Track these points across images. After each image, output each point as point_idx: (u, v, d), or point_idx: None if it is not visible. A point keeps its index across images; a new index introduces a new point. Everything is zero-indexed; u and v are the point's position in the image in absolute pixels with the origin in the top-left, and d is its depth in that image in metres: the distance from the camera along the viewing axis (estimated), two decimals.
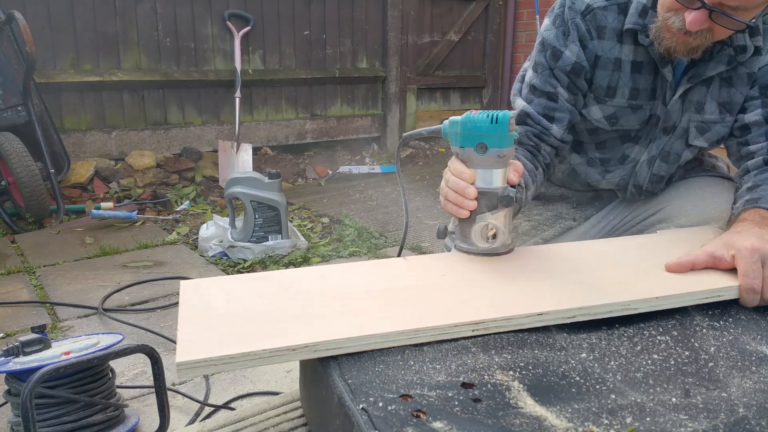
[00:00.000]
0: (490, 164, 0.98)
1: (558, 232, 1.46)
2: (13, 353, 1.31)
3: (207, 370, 0.69)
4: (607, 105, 1.29)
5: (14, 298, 2.30)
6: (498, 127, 0.96)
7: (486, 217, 0.98)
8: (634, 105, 1.28)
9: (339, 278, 0.94)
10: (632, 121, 1.30)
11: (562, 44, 1.25)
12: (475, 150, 0.98)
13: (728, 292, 0.89)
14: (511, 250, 1.04)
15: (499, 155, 0.97)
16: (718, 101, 1.25)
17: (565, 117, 1.28)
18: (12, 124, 3.27)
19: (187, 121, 4.27)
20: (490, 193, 0.98)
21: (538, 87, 1.29)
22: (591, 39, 1.25)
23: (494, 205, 0.98)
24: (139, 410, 1.52)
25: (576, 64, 1.25)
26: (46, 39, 3.69)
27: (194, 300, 0.86)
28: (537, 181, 1.24)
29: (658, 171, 1.35)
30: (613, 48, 1.25)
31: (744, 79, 1.23)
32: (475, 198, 0.98)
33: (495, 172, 0.99)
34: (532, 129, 1.28)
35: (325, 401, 0.71)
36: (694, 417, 0.62)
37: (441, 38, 5.25)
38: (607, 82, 1.27)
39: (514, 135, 0.98)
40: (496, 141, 0.96)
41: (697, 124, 1.28)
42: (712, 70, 1.21)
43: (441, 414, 0.61)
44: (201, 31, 4.20)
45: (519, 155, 1.22)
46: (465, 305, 0.82)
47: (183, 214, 3.51)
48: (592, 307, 0.82)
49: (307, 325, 0.76)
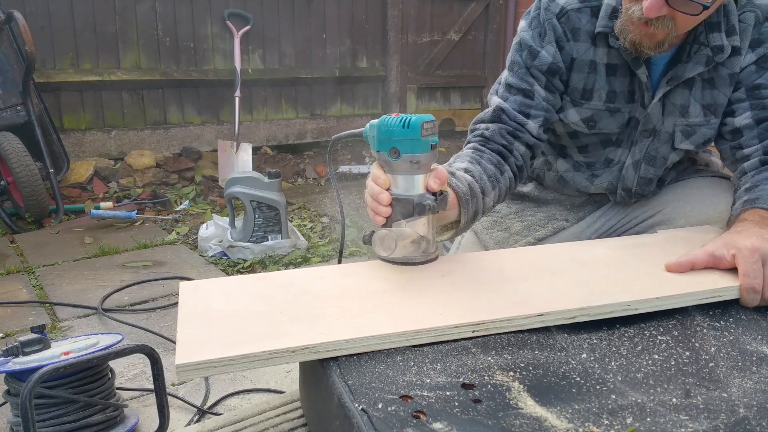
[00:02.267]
0: (405, 170, 0.94)
1: (550, 232, 1.46)
2: (13, 353, 1.31)
3: (207, 372, 0.69)
4: (583, 108, 1.29)
5: (14, 298, 2.30)
6: (410, 131, 0.92)
7: (401, 224, 0.94)
8: (611, 108, 1.28)
9: (338, 279, 0.94)
10: (611, 124, 1.30)
11: (538, 45, 1.26)
12: (389, 155, 0.94)
13: (729, 292, 0.89)
14: (432, 258, 1.00)
15: (412, 161, 0.93)
16: (702, 103, 1.25)
17: (541, 114, 1.26)
18: (11, 124, 3.27)
19: (186, 120, 4.27)
20: (405, 199, 0.94)
21: (514, 85, 1.28)
22: (567, 41, 1.25)
23: (409, 212, 0.94)
24: (139, 410, 1.52)
25: (552, 65, 1.25)
26: (46, 38, 3.69)
27: (193, 301, 0.86)
28: (500, 187, 1.20)
29: (645, 174, 1.34)
30: (587, 50, 1.25)
31: (726, 80, 1.23)
32: (390, 204, 0.95)
33: (410, 179, 0.95)
34: (506, 127, 1.25)
35: (324, 402, 0.71)
36: (695, 417, 0.62)
37: (441, 38, 5.25)
38: (583, 84, 1.27)
39: (430, 141, 0.94)
40: (408, 146, 0.92)
41: (683, 128, 1.28)
42: (691, 71, 1.20)
43: (441, 415, 0.61)
44: (201, 30, 4.19)
45: (482, 159, 1.19)
46: (465, 306, 0.82)
47: (182, 213, 3.51)
48: (593, 308, 0.81)
49: (306, 326, 0.76)
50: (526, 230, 1.47)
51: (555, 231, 1.46)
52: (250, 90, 4.40)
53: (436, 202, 0.94)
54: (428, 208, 0.92)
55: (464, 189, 1.07)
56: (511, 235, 1.48)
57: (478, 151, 1.22)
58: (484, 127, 1.27)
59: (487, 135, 1.25)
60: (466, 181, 1.10)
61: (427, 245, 0.98)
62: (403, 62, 5.05)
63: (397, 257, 0.98)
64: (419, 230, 0.96)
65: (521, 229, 1.48)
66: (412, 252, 0.97)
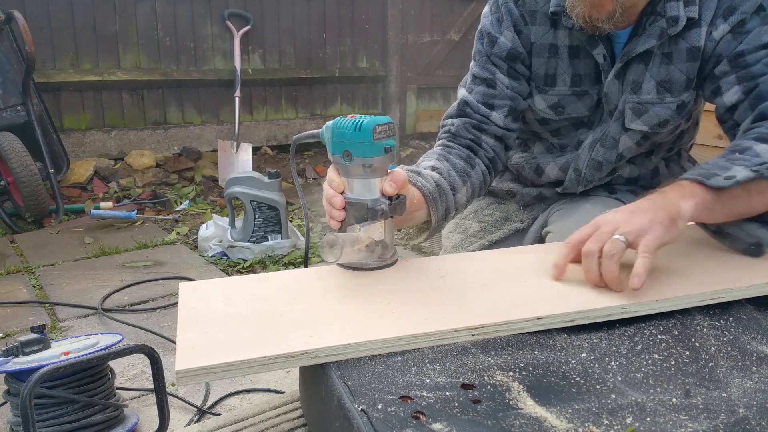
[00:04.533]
0: (358, 173, 0.91)
1: (505, 234, 1.40)
2: (13, 353, 1.31)
3: (206, 377, 0.69)
4: (548, 95, 1.22)
5: (14, 298, 2.30)
6: (361, 134, 0.89)
7: (354, 228, 0.91)
8: (578, 92, 1.21)
9: (338, 280, 0.94)
10: (579, 108, 1.23)
11: (497, 31, 1.21)
12: (342, 158, 0.91)
13: (729, 294, 0.89)
14: (388, 264, 0.96)
15: (365, 164, 0.90)
16: (657, 79, 1.15)
17: (506, 104, 1.21)
18: (11, 124, 3.27)
19: (186, 120, 4.27)
20: (358, 204, 0.91)
21: (477, 75, 1.24)
22: (525, 24, 1.19)
23: (363, 217, 0.91)
24: (139, 410, 1.52)
25: (512, 50, 1.19)
26: (46, 38, 3.69)
27: (193, 304, 0.85)
28: (471, 181, 1.15)
29: (596, 156, 1.24)
30: (546, 33, 1.18)
31: (683, 55, 1.12)
32: (343, 208, 0.92)
33: (364, 182, 0.92)
34: (470, 120, 1.21)
35: (324, 402, 0.71)
36: (695, 417, 0.62)
37: (441, 38, 5.25)
38: (545, 70, 1.21)
39: (384, 144, 0.90)
40: (360, 149, 0.89)
41: (633, 105, 1.18)
42: (643, 45, 1.11)
43: (441, 415, 0.61)
44: (200, 30, 4.20)
45: (450, 155, 1.16)
46: (465, 309, 0.82)
47: (182, 213, 3.51)
48: (593, 311, 0.81)
49: (306, 330, 0.76)
50: (482, 232, 1.42)
51: (509, 233, 1.40)
52: (250, 90, 4.40)
53: (390, 207, 0.91)
54: (380, 213, 0.89)
55: (431, 187, 1.05)
56: (467, 237, 1.44)
57: (446, 147, 1.19)
58: (450, 123, 1.24)
59: (454, 131, 1.22)
60: (434, 179, 1.07)
61: (384, 250, 0.94)
62: (403, 62, 5.05)
63: (348, 262, 0.95)
64: (374, 235, 0.92)
65: (477, 230, 1.43)
66: (367, 257, 0.94)
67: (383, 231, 0.94)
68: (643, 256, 0.83)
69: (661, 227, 0.86)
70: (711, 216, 0.97)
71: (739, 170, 0.94)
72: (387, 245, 0.95)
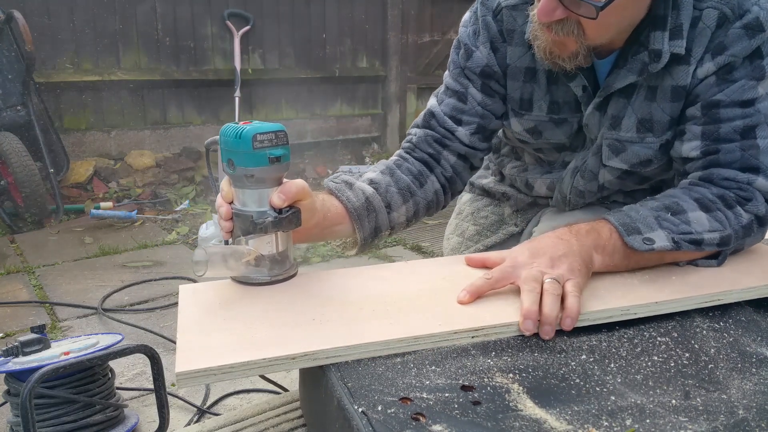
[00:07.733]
0: (243, 184, 0.87)
1: (500, 239, 1.37)
2: (13, 353, 1.31)
3: (207, 379, 0.69)
4: (524, 119, 1.14)
5: (14, 298, 2.30)
6: (241, 142, 0.83)
7: (241, 241, 0.88)
8: (556, 119, 1.12)
9: (338, 281, 0.94)
10: (557, 134, 1.14)
11: (473, 43, 1.12)
12: (227, 166, 0.87)
13: (729, 296, 0.89)
14: (279, 280, 0.91)
15: (247, 174, 0.85)
16: (638, 116, 1.04)
17: (475, 120, 1.12)
18: (11, 124, 3.27)
19: (186, 120, 4.27)
20: (243, 215, 0.87)
21: (449, 86, 1.15)
22: (503, 42, 1.10)
23: (248, 229, 0.86)
24: (139, 410, 1.52)
25: (486, 67, 1.11)
26: (46, 38, 3.69)
27: (193, 306, 0.86)
28: (416, 200, 1.08)
29: (577, 185, 1.17)
30: (524, 56, 1.09)
31: (668, 94, 1.01)
32: (230, 219, 0.88)
33: (251, 193, 0.87)
34: (433, 134, 1.13)
35: (324, 404, 0.71)
36: (694, 419, 0.62)
37: (441, 37, 5.25)
38: (520, 94, 1.12)
39: (267, 153, 0.84)
40: (241, 158, 0.84)
41: (611, 142, 1.08)
42: (623, 80, 1.01)
43: (440, 417, 0.61)
44: (200, 30, 4.19)
45: (400, 169, 1.09)
46: (465, 310, 0.82)
47: (182, 213, 3.51)
48: (592, 313, 0.81)
49: (305, 331, 0.76)
50: (477, 235, 1.40)
51: (505, 237, 1.37)
52: (250, 90, 4.40)
53: (277, 220, 0.85)
54: (261, 226, 0.84)
55: (357, 204, 1.00)
56: (464, 240, 1.42)
57: (399, 159, 1.12)
58: (413, 133, 1.16)
59: (415, 141, 1.14)
60: (365, 194, 1.02)
61: (274, 264, 0.90)
62: (403, 62, 5.06)
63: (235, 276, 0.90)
64: (262, 249, 0.88)
65: (473, 234, 1.41)
66: (254, 271, 0.89)
67: (274, 244, 0.89)
68: (574, 295, 0.80)
69: (579, 275, 0.84)
70: (617, 270, 0.93)
71: (661, 236, 0.90)
72: (280, 259, 0.90)
